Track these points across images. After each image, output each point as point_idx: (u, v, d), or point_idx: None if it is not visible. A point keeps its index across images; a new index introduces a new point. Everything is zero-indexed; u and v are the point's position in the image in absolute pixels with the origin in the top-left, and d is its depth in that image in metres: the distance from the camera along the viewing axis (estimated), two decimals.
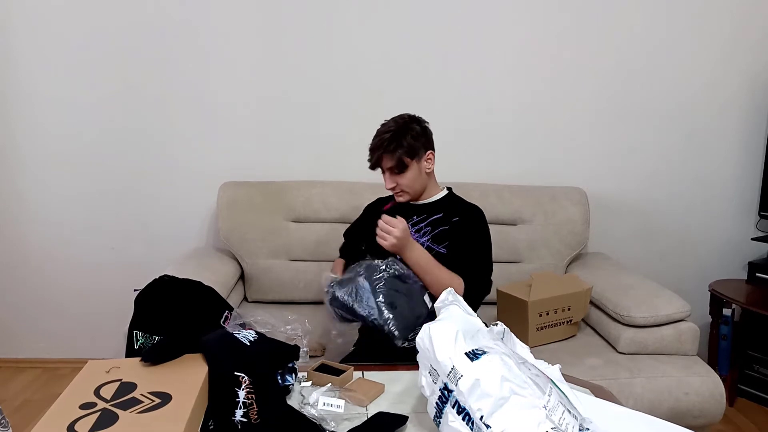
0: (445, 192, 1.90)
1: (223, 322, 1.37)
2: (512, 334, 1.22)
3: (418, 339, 1.12)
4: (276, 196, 2.47)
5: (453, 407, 1.01)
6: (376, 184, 2.14)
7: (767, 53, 2.67)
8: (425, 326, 1.11)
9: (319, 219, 2.46)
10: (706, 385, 1.95)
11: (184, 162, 2.66)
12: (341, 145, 2.63)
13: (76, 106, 2.61)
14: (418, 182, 1.82)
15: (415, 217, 1.85)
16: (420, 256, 1.70)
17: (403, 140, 1.75)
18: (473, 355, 1.02)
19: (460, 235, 1.78)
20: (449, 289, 1.25)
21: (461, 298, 1.24)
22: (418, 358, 1.12)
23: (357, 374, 1.38)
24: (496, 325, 1.21)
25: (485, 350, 1.04)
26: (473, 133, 2.66)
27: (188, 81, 2.60)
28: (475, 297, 1.70)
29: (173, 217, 2.70)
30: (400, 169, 1.78)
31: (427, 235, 1.81)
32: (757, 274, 2.61)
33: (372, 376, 1.38)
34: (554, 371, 1.16)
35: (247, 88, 2.61)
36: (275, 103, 2.63)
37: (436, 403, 1.05)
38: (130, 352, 1.30)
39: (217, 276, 2.19)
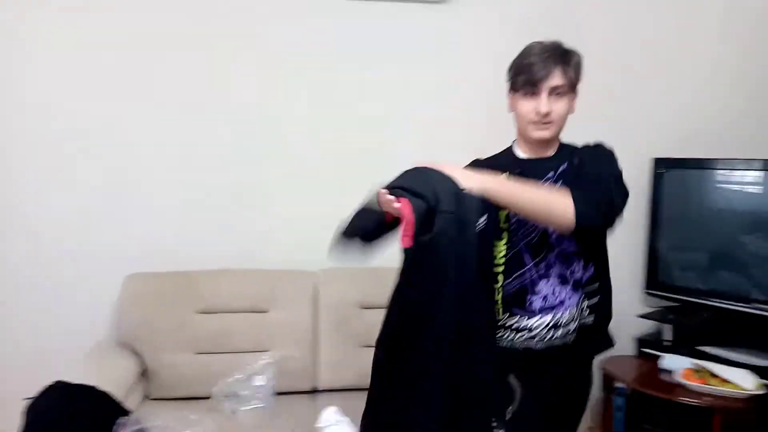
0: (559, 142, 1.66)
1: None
2: None
3: None
4: (184, 286, 2.43)
5: None
6: (294, 270, 2.24)
7: None
8: None
9: (228, 309, 2.44)
10: None
11: (92, 247, 2.56)
12: (259, 234, 2.63)
13: None
14: (564, 120, 1.55)
15: (552, 173, 1.58)
16: (506, 181, 1.43)
17: (575, 58, 1.53)
18: None
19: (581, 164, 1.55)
20: (333, 408, 1.22)
21: (346, 419, 1.21)
22: None
23: None
24: None
25: None
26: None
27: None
28: (603, 209, 1.43)
29: (76, 307, 2.55)
30: (570, 87, 1.52)
31: None
32: (642, 350, 2.72)
33: None
34: None
35: (166, 175, 2.59)
36: (193, 190, 2.61)
37: None
38: None
39: (118, 373, 2.14)
